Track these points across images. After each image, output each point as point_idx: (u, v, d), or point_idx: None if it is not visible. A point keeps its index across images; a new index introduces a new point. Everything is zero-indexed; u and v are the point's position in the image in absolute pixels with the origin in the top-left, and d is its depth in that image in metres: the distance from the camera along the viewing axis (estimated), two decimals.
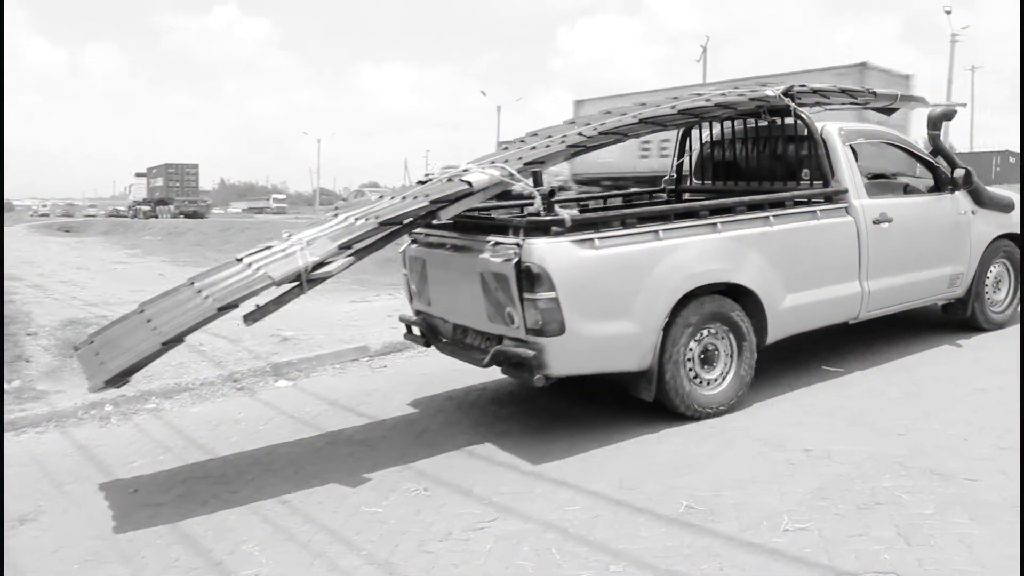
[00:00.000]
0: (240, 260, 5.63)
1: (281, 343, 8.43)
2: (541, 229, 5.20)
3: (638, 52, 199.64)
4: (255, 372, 7.51)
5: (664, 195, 8.25)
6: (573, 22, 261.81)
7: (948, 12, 47.74)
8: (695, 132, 8.01)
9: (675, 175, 8.24)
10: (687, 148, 8.09)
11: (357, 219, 5.62)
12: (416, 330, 6.56)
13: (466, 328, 5.98)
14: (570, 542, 3.98)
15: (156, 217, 52.67)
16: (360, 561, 3.96)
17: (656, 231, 5.53)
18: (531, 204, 5.49)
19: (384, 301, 11.79)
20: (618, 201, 8.25)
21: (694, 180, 8.13)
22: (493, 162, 5.85)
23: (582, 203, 7.32)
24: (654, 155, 26.15)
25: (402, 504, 4.59)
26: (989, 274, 7.69)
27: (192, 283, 5.63)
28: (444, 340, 6.29)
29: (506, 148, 6.75)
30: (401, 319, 6.86)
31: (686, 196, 8.02)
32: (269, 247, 5.64)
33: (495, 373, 7.14)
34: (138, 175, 73.45)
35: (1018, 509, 3.95)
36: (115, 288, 14.32)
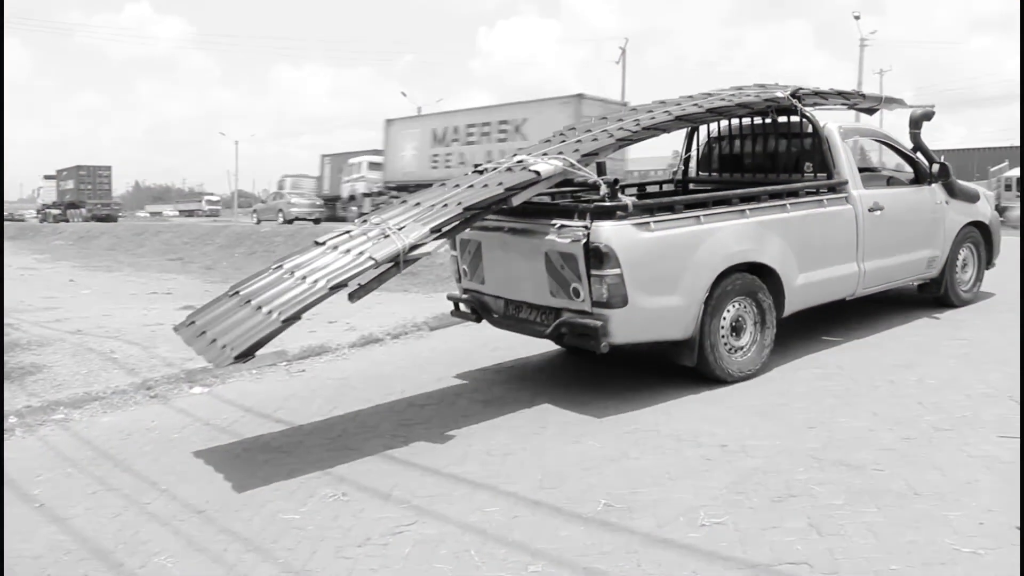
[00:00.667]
0: (322, 244, 6.22)
1: None
2: (607, 213, 5.84)
3: (558, 53, 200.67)
4: (169, 379, 7.33)
5: (672, 186, 8.84)
6: (492, 23, 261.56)
7: (857, 17, 49.14)
8: (702, 129, 8.67)
9: (683, 167, 8.96)
10: (693, 144, 8.88)
11: (434, 205, 6.13)
12: (463, 307, 7.16)
13: (520, 304, 6.56)
14: (489, 543, 3.97)
15: (67, 221, 51.15)
16: (276, 570, 3.89)
17: (698, 216, 6.24)
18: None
19: None
20: (633, 191, 8.53)
21: (700, 172, 8.89)
22: (545, 154, 6.50)
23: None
24: (441, 166, 33.28)
25: (320, 510, 4.53)
26: (958, 257, 8.62)
27: (280, 266, 6.14)
28: (496, 316, 6.86)
29: (548, 142, 7.34)
30: (449, 297, 7.42)
31: (691, 187, 8.74)
32: (348, 232, 6.28)
33: (417, 374, 7.16)
34: (47, 177, 71.21)
35: (923, 497, 4.08)
36: (22, 295, 13.85)
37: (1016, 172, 32.26)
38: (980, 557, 3.46)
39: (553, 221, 6.03)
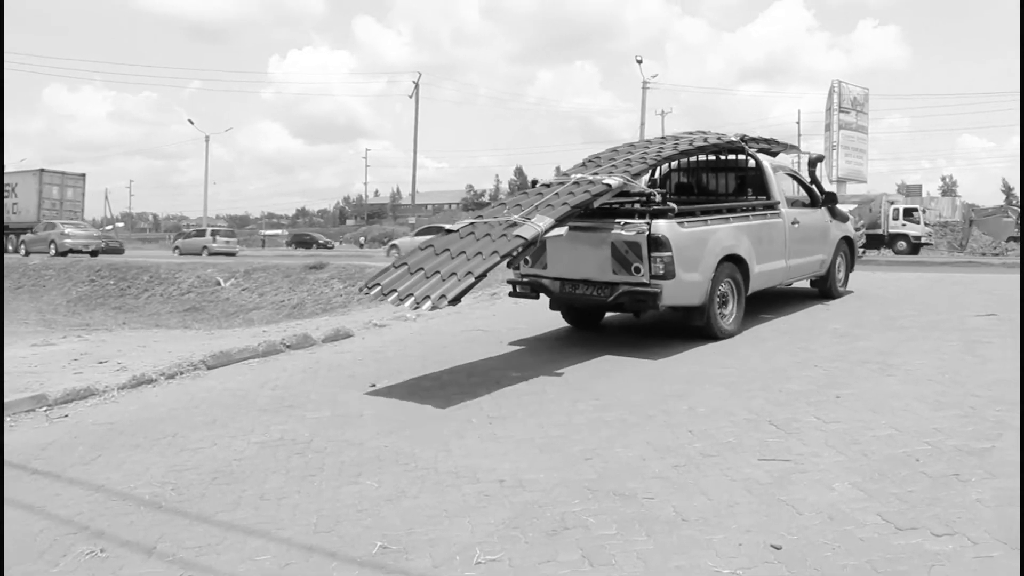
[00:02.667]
0: (455, 231, 8.27)
1: None
2: (662, 214, 8.46)
3: (352, 85, 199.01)
4: None
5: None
6: (284, 53, 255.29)
7: (639, 61, 51.85)
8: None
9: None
10: (657, 174, 11.22)
11: (537, 206, 8.27)
12: (520, 288, 9.41)
13: (578, 282, 8.87)
14: None
15: None
16: None
17: (706, 220, 9.02)
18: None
19: (71, 344, 10.90)
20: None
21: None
22: (596, 172, 8.98)
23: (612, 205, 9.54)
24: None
25: (74, 570, 4.18)
26: (836, 261, 11.98)
27: (429, 246, 8.12)
28: (553, 292, 9.19)
29: (584, 167, 9.68)
30: (508, 281, 9.75)
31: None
32: (472, 223, 8.36)
33: (190, 416, 6.79)
34: None
35: (690, 522, 4.22)
36: None
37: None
38: None
39: (617, 220, 8.53)
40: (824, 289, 11.88)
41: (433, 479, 5.09)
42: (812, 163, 11.83)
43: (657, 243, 8.21)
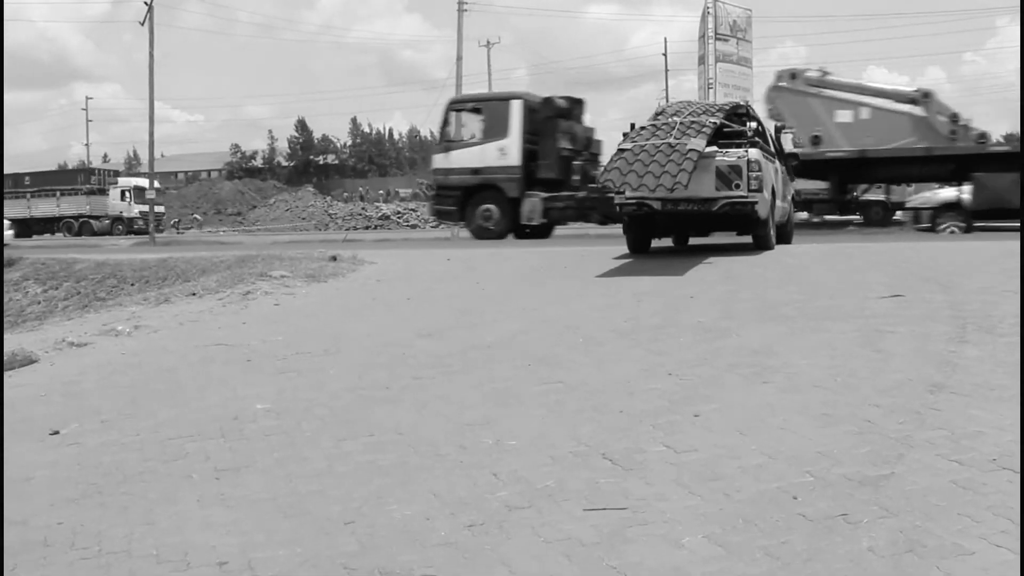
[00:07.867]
0: (628, 149, 15.27)
1: None
2: (754, 146, 16.14)
3: (61, 6, 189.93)
4: None
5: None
6: None
7: None
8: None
9: None
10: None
11: (675, 134, 15.25)
12: (627, 209, 16.44)
13: (679, 200, 15.49)
14: None
15: None
16: None
17: (767, 157, 17.13)
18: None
19: None
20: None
21: None
22: (690, 118, 16.14)
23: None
24: None
25: None
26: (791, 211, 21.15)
27: (623, 159, 15.06)
28: (656, 209, 15.94)
29: (657, 116, 16.79)
30: (617, 203, 16.69)
31: None
32: (634, 147, 15.30)
33: None
34: None
35: None
36: None
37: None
38: None
39: (719, 150, 15.58)
40: (783, 234, 18.79)
41: (124, 569, 4.63)
42: (778, 130, 20.61)
43: (751, 165, 15.20)
